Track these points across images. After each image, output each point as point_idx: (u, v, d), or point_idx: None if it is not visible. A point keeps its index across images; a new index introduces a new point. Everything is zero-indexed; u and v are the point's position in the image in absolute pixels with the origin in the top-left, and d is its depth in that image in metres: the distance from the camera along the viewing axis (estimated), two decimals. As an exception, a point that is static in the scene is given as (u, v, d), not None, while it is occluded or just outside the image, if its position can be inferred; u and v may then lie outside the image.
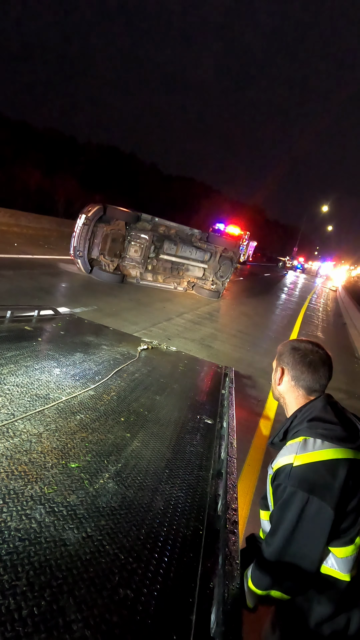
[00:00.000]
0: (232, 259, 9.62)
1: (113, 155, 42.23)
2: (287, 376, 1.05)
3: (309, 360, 1.01)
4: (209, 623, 0.72)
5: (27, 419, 1.17)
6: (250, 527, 2.06)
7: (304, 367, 1.01)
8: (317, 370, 1.01)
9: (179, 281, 9.34)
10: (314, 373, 1.01)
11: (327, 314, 14.43)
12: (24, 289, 5.55)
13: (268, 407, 3.87)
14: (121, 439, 1.24)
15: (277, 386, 1.08)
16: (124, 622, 0.66)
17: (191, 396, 1.86)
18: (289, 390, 1.04)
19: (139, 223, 8.35)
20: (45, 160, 25.31)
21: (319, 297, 20.71)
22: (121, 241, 8.13)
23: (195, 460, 1.27)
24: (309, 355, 1.02)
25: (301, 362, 1.02)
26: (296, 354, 1.03)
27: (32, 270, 6.93)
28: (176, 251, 8.88)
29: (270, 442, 1.04)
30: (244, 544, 1.14)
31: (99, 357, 1.96)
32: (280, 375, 1.06)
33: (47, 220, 13.64)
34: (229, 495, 1.04)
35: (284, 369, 1.05)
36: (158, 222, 8.57)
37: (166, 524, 0.93)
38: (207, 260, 9.33)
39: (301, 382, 1.02)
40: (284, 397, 1.07)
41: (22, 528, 0.78)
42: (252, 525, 2.07)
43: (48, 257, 8.61)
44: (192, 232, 9.14)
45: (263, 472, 2.66)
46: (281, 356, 1.08)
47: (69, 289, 6.67)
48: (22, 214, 12.43)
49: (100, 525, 0.85)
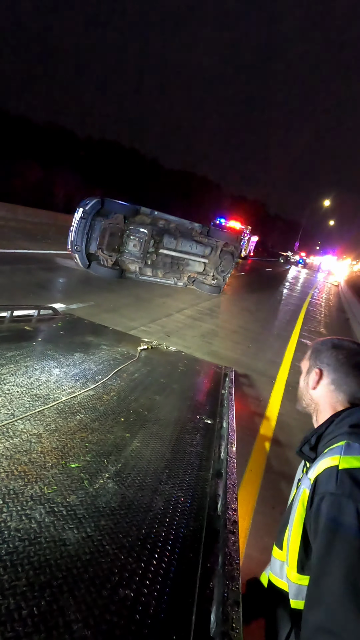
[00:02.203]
0: (233, 254, 9.56)
1: (114, 149, 41.88)
2: (326, 379, 0.88)
3: (356, 362, 0.86)
4: (209, 623, 0.73)
5: (27, 419, 1.17)
6: (253, 539, 2.01)
7: (350, 369, 0.85)
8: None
9: (179, 276, 9.29)
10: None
11: (329, 309, 14.39)
12: (20, 284, 5.51)
13: (270, 407, 3.85)
14: (121, 439, 1.24)
15: (311, 390, 0.91)
16: (124, 622, 0.67)
17: (191, 396, 1.87)
18: (326, 395, 0.88)
19: (137, 217, 8.27)
20: (45, 154, 25.11)
21: (320, 292, 20.64)
22: (120, 235, 8.06)
23: (195, 460, 1.27)
24: (356, 356, 0.87)
25: (346, 364, 0.86)
26: (340, 354, 0.88)
27: (28, 265, 6.88)
28: (176, 245, 8.82)
29: (299, 450, 0.85)
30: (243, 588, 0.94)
31: (99, 357, 1.96)
32: (317, 377, 0.89)
33: (46, 215, 13.58)
34: (229, 495, 1.04)
35: (323, 371, 0.89)
36: (157, 216, 8.49)
37: (166, 524, 0.93)
38: (208, 254, 9.28)
39: (344, 387, 0.85)
40: (318, 403, 0.90)
41: (22, 528, 0.78)
42: (255, 538, 2.02)
43: (46, 252, 8.54)
44: (193, 226, 9.06)
45: (266, 478, 2.56)
46: (319, 355, 0.91)
47: (66, 284, 6.64)
48: (20, 208, 12.36)
49: (100, 525, 0.86)
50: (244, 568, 1.79)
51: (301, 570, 0.75)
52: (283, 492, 2.48)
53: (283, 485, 2.55)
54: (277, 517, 2.22)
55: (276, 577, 0.86)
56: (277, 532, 0.92)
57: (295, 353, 6.26)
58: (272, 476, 2.60)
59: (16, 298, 4.85)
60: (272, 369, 5.12)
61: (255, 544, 1.99)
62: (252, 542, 1.99)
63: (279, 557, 0.85)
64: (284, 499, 2.42)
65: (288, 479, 2.63)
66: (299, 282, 24.09)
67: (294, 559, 0.76)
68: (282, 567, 0.84)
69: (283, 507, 2.45)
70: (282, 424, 3.52)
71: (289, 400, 4.12)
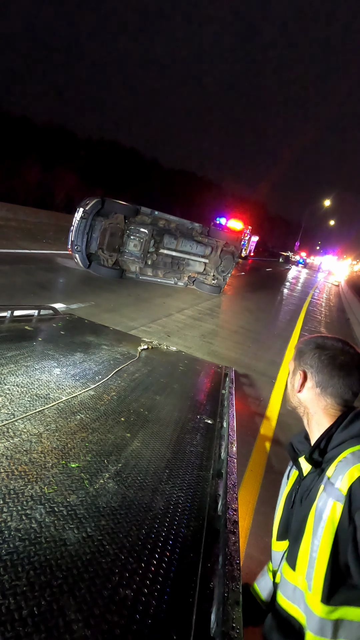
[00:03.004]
0: (233, 254, 9.56)
1: (114, 149, 41.92)
2: (310, 381, 0.84)
3: (340, 362, 0.80)
4: (209, 623, 0.72)
5: (27, 418, 1.17)
6: (253, 539, 2.01)
7: (334, 370, 0.80)
8: (350, 374, 0.80)
9: (179, 276, 9.29)
10: (346, 378, 0.80)
11: (330, 309, 14.38)
12: (20, 285, 5.51)
13: (270, 407, 3.85)
14: (121, 439, 1.24)
15: (297, 393, 0.87)
16: (124, 622, 0.67)
17: (191, 396, 1.87)
18: (313, 398, 0.84)
19: (138, 217, 8.27)
20: (45, 154, 25.15)
21: (321, 292, 20.64)
22: (120, 235, 8.07)
23: (196, 460, 1.27)
24: (340, 355, 0.81)
25: (330, 365, 0.81)
26: (322, 355, 0.82)
27: (29, 265, 6.88)
28: (176, 245, 8.83)
29: (309, 456, 0.79)
30: None
31: (99, 357, 1.96)
32: (301, 380, 0.85)
33: (46, 215, 13.59)
34: (229, 495, 1.04)
35: (307, 373, 0.84)
36: (158, 216, 8.49)
37: (166, 524, 0.93)
38: (208, 254, 9.28)
39: (329, 390, 0.81)
40: (307, 407, 0.85)
41: (22, 528, 0.78)
42: (255, 538, 2.02)
43: (46, 252, 8.54)
44: (193, 226, 9.07)
45: (267, 478, 2.55)
46: (302, 356, 0.86)
47: (67, 284, 6.64)
48: (20, 208, 12.37)
49: (100, 525, 0.86)
50: (244, 568, 1.80)
51: (328, 600, 0.67)
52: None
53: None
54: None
55: (288, 602, 0.76)
56: (275, 532, 0.87)
57: (295, 353, 6.26)
58: (272, 476, 2.60)
59: (16, 298, 4.85)
60: (273, 369, 5.11)
61: (256, 543, 1.99)
62: (253, 541, 1.99)
63: (292, 579, 0.75)
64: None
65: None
66: (299, 282, 24.08)
67: (318, 586, 0.68)
68: (296, 591, 0.74)
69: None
70: (283, 423, 3.52)
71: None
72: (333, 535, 0.67)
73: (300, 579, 0.73)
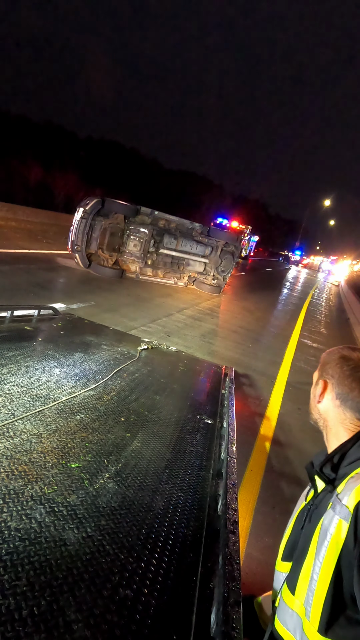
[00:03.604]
0: (233, 254, 9.56)
1: (114, 149, 41.93)
2: (330, 393, 0.81)
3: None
4: (209, 623, 0.72)
5: (27, 418, 1.17)
6: (253, 538, 2.01)
7: (355, 382, 0.77)
8: None
9: (179, 276, 9.29)
10: None
11: (330, 309, 14.39)
12: (20, 285, 5.50)
13: (270, 407, 3.85)
14: (121, 439, 1.24)
15: (317, 404, 0.84)
16: (124, 622, 0.67)
17: (191, 396, 1.87)
18: (333, 411, 0.80)
19: (138, 217, 8.27)
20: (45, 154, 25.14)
21: (321, 292, 20.64)
22: (120, 235, 8.07)
23: (195, 460, 1.27)
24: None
25: (351, 377, 0.77)
26: (345, 366, 0.79)
27: (29, 265, 6.88)
28: (176, 245, 8.82)
29: (320, 469, 0.75)
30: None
31: (99, 357, 1.96)
32: (322, 390, 0.82)
33: (46, 215, 13.58)
34: (229, 495, 1.04)
35: (328, 383, 0.82)
36: (158, 216, 8.48)
37: (166, 524, 0.93)
38: (208, 254, 9.28)
39: (349, 403, 0.77)
40: (326, 419, 0.82)
41: (22, 528, 0.78)
42: (255, 538, 2.02)
43: (46, 252, 8.54)
44: (193, 226, 9.06)
45: (266, 478, 2.55)
46: (325, 366, 0.84)
47: (67, 284, 6.64)
48: (20, 208, 12.36)
49: (100, 525, 0.86)
50: (244, 568, 1.80)
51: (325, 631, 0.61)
52: (283, 492, 2.48)
53: (283, 485, 2.55)
54: (277, 516, 2.22)
55: (284, 629, 0.71)
56: (281, 552, 0.83)
57: (295, 353, 6.26)
58: (272, 476, 2.60)
59: (16, 298, 4.85)
60: (273, 368, 5.12)
61: (256, 543, 1.99)
62: (253, 541, 2.00)
63: (291, 604, 0.70)
64: (284, 498, 2.42)
65: (288, 478, 2.63)
66: (299, 282, 24.09)
67: (316, 614, 0.62)
68: (293, 618, 0.69)
69: (283, 507, 2.45)
70: (283, 423, 3.52)
71: (289, 400, 4.13)
72: (336, 557, 0.61)
73: (298, 604, 0.68)
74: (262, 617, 0.92)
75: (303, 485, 0.87)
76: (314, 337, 8.25)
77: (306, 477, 0.82)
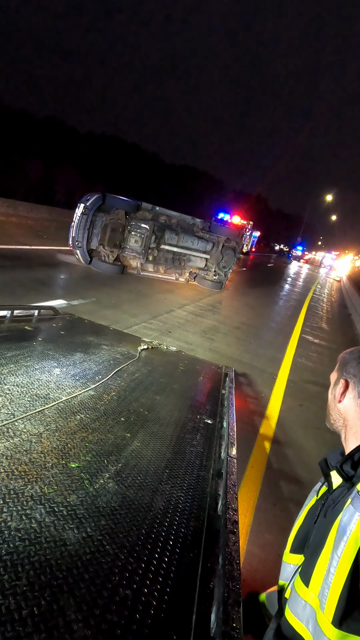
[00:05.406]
0: (234, 249, 9.52)
1: (115, 145, 41.63)
2: (352, 392, 0.81)
3: None
4: (209, 623, 0.73)
5: (27, 418, 1.17)
6: (254, 535, 2.02)
7: None
8: None
9: (180, 272, 9.27)
10: None
11: (331, 305, 14.34)
12: (21, 281, 5.50)
13: (272, 403, 3.85)
14: (121, 439, 1.24)
15: (337, 404, 0.84)
16: (124, 622, 0.67)
17: (191, 396, 1.87)
18: (354, 409, 0.81)
19: (139, 212, 8.23)
20: (46, 150, 25.00)
21: (322, 287, 20.56)
22: (121, 231, 8.03)
23: (195, 460, 1.27)
24: None
25: None
26: None
27: (29, 261, 6.88)
28: (178, 241, 8.78)
29: (340, 467, 0.76)
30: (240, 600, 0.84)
31: (99, 357, 1.96)
32: (343, 389, 0.83)
33: (47, 210, 13.52)
34: (229, 495, 1.04)
35: (349, 382, 0.83)
36: (159, 212, 8.44)
37: (166, 524, 0.94)
38: (210, 250, 9.24)
39: None
40: (346, 418, 0.83)
41: (22, 528, 0.78)
42: (256, 534, 2.03)
43: (47, 248, 8.53)
44: (194, 221, 9.01)
45: (267, 475, 2.55)
46: (345, 365, 0.85)
47: (67, 280, 6.63)
48: (20, 203, 12.30)
49: (100, 525, 0.86)
50: (245, 565, 1.81)
51: (339, 624, 0.63)
52: (284, 489, 2.49)
53: (284, 482, 2.56)
54: (277, 513, 2.23)
55: (296, 619, 0.72)
56: (289, 544, 0.83)
57: (296, 349, 6.25)
58: (273, 473, 2.61)
59: (17, 294, 4.84)
60: (274, 365, 5.11)
61: (257, 540, 2.00)
62: (253, 538, 2.01)
63: (304, 595, 0.71)
64: (285, 495, 2.43)
65: (289, 475, 2.64)
66: (300, 277, 23.99)
67: (331, 606, 0.64)
68: (306, 609, 0.70)
69: (284, 504, 2.45)
70: (284, 419, 3.52)
71: (290, 396, 4.13)
72: (355, 553, 0.62)
73: (312, 596, 0.69)
74: (266, 613, 0.92)
75: (303, 485, 0.87)
76: (316, 333, 8.23)
77: (306, 475, 0.81)
